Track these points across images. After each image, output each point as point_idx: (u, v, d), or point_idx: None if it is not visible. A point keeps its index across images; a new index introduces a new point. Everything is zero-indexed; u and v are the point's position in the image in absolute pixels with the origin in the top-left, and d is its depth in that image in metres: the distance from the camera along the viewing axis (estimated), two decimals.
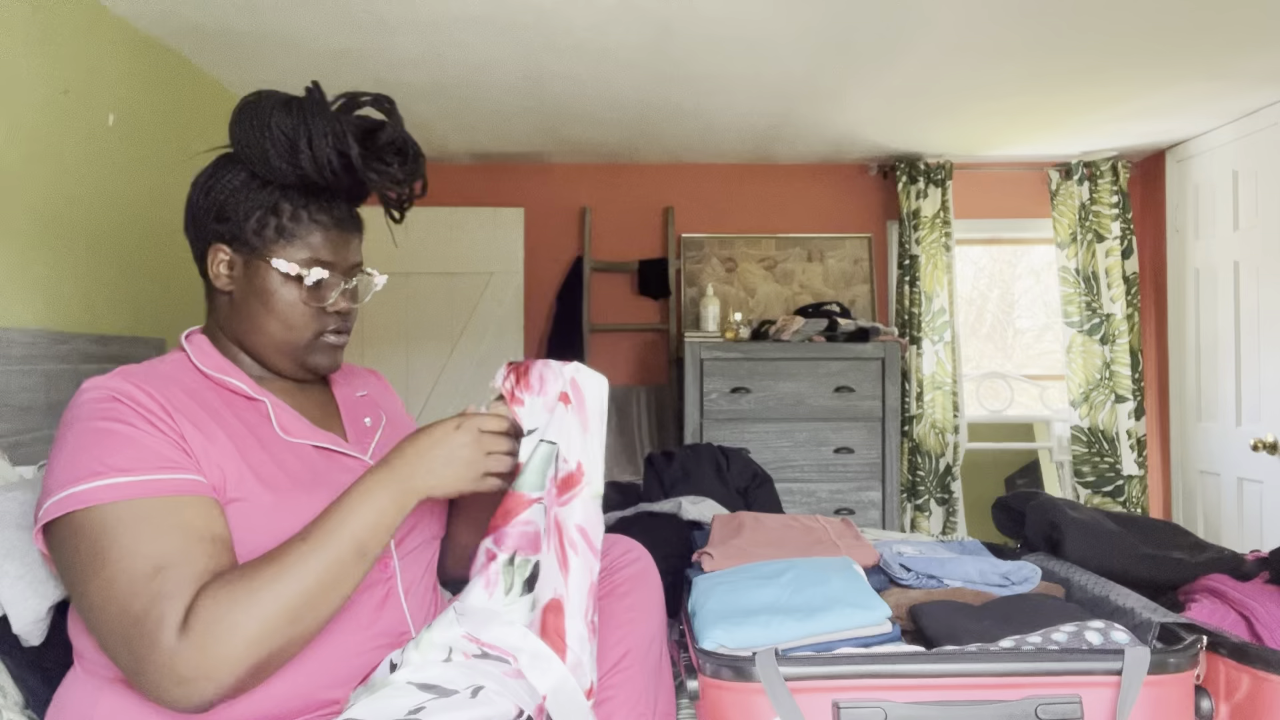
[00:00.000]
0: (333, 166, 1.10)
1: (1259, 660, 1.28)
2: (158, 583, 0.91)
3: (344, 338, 1.21)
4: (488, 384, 1.31)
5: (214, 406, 1.09)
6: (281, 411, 1.14)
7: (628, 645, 1.20)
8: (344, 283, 1.18)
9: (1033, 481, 4.30)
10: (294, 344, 1.16)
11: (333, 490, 1.08)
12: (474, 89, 3.05)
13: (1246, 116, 3.32)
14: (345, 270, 1.18)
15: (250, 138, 1.10)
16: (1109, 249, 3.93)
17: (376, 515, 1.00)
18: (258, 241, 1.13)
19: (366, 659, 1.08)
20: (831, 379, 3.57)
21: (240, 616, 0.90)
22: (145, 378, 1.05)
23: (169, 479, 0.96)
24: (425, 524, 1.23)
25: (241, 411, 1.11)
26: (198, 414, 1.05)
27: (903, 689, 1.21)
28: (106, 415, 0.99)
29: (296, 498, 1.06)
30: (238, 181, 1.13)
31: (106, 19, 2.36)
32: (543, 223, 4.17)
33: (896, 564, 1.64)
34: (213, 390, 1.12)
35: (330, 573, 0.96)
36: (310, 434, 1.15)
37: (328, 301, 1.16)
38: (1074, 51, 2.70)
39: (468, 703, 0.98)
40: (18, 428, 1.90)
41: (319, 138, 1.09)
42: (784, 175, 4.21)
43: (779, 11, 2.40)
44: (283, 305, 1.14)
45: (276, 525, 1.02)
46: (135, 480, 0.95)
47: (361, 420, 1.26)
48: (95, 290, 2.32)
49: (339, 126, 1.10)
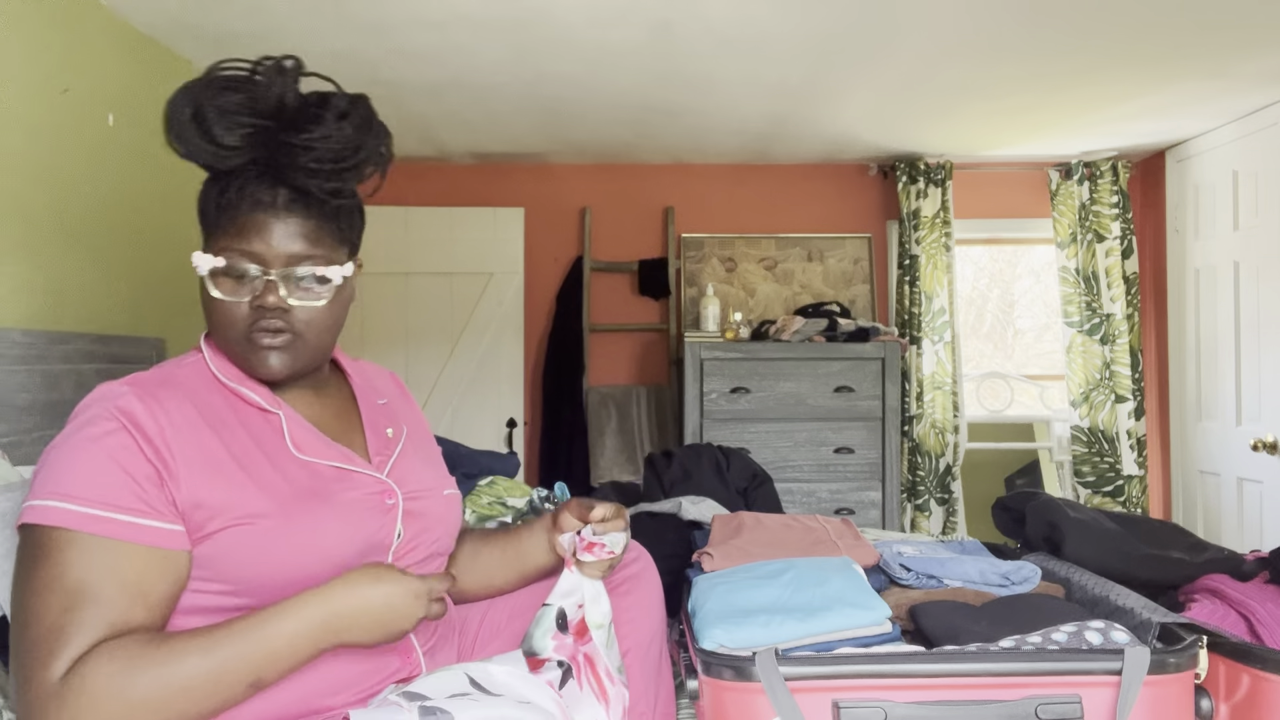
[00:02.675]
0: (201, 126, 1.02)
1: (1259, 660, 1.28)
2: (66, 618, 0.91)
3: (280, 338, 1.07)
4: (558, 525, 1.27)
5: (225, 420, 1.06)
6: (296, 425, 1.10)
7: (628, 645, 1.20)
8: (264, 273, 1.05)
9: (1033, 481, 4.30)
10: (231, 344, 1.08)
11: (339, 511, 1.06)
12: (474, 89, 3.05)
13: (1246, 116, 3.32)
14: (268, 260, 1.05)
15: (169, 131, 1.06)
16: (1109, 249, 3.93)
17: (289, 655, 0.96)
18: (203, 238, 1.09)
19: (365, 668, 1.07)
20: (831, 379, 3.57)
21: (119, 684, 0.89)
22: (156, 392, 1.02)
23: (125, 521, 0.95)
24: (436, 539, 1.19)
25: (254, 424, 1.08)
26: (202, 434, 1.02)
27: (903, 689, 1.21)
28: (100, 438, 0.97)
29: (300, 521, 1.03)
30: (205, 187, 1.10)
31: (106, 19, 2.36)
32: (543, 223, 4.17)
33: (896, 564, 1.64)
34: (226, 399, 1.08)
35: (216, 685, 0.92)
36: (325, 451, 1.11)
37: (243, 296, 1.05)
38: (1074, 51, 2.70)
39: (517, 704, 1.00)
40: (18, 428, 1.90)
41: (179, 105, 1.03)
42: (784, 175, 4.21)
43: (779, 11, 2.40)
44: (211, 301, 1.07)
45: (277, 548, 1.01)
46: (91, 514, 0.94)
47: (384, 431, 1.21)
48: (95, 290, 2.32)
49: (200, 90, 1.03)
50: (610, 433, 4.04)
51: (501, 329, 4.08)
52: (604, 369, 4.20)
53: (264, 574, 1.00)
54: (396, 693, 0.97)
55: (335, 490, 1.08)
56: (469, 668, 1.02)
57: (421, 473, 1.21)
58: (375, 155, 1.09)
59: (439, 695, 0.96)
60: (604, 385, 4.14)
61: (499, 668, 1.03)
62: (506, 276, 4.09)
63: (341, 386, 1.24)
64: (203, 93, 1.03)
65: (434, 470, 1.26)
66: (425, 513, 1.17)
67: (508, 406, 4.05)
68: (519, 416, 4.05)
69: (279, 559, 1.01)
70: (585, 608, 1.14)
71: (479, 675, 1.01)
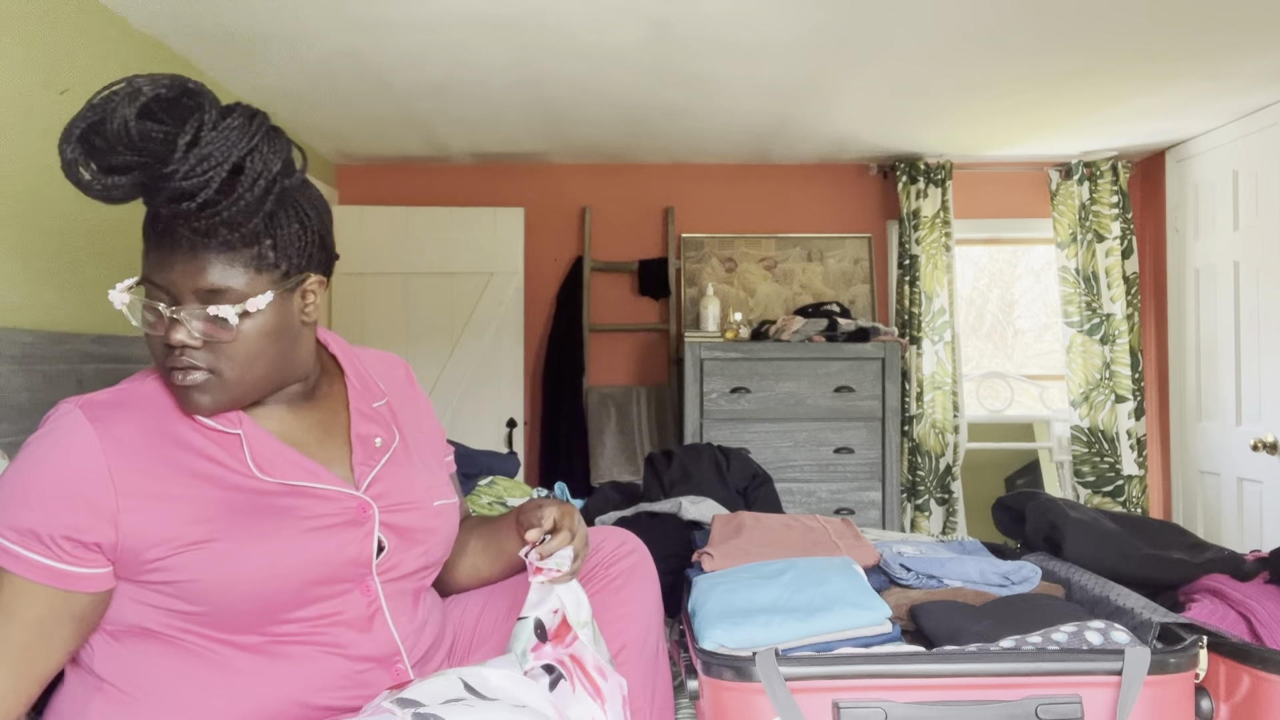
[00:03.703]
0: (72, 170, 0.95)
1: (1259, 660, 1.28)
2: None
3: (191, 376, 1.00)
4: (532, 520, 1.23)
5: (183, 440, 1.03)
6: (260, 444, 1.06)
7: (624, 639, 1.20)
8: (170, 309, 0.99)
9: (1033, 481, 4.30)
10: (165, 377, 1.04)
11: (299, 529, 1.04)
12: (474, 89, 3.05)
13: (1246, 116, 3.32)
14: (175, 294, 0.99)
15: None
16: (1109, 249, 3.93)
17: None
18: None
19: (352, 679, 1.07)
20: (831, 379, 3.57)
21: None
22: (107, 415, 1.01)
23: (34, 560, 0.97)
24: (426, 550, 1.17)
25: (214, 443, 1.04)
26: (150, 460, 1.01)
27: (903, 689, 1.21)
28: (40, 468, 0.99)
29: (255, 542, 1.01)
30: None
31: (106, 19, 2.36)
32: (543, 223, 4.17)
33: (896, 564, 1.64)
34: (186, 420, 1.05)
35: None
36: (289, 470, 1.06)
37: (158, 331, 1.00)
38: (1074, 51, 2.70)
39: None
40: (18, 428, 1.90)
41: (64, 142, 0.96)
42: (784, 175, 4.21)
43: (779, 11, 2.40)
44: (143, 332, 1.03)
45: (233, 570, 1.00)
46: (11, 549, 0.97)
47: (371, 441, 1.15)
48: (95, 290, 2.32)
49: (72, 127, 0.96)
50: (610, 433, 4.04)
51: (501, 329, 4.08)
52: (604, 369, 4.20)
53: (225, 594, 1.00)
54: (390, 699, 0.97)
55: (297, 507, 1.05)
56: (463, 672, 1.01)
57: (410, 482, 1.17)
58: (255, 186, 0.93)
59: (433, 701, 0.95)
60: (604, 385, 4.14)
61: (494, 671, 1.02)
62: (506, 276, 4.09)
63: (334, 392, 1.19)
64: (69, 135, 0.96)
65: (426, 478, 1.21)
66: (411, 525, 1.14)
67: (508, 406, 4.05)
68: (519, 416, 4.05)
69: (237, 580, 1.00)
70: (564, 611, 1.13)
71: (473, 680, 1.01)
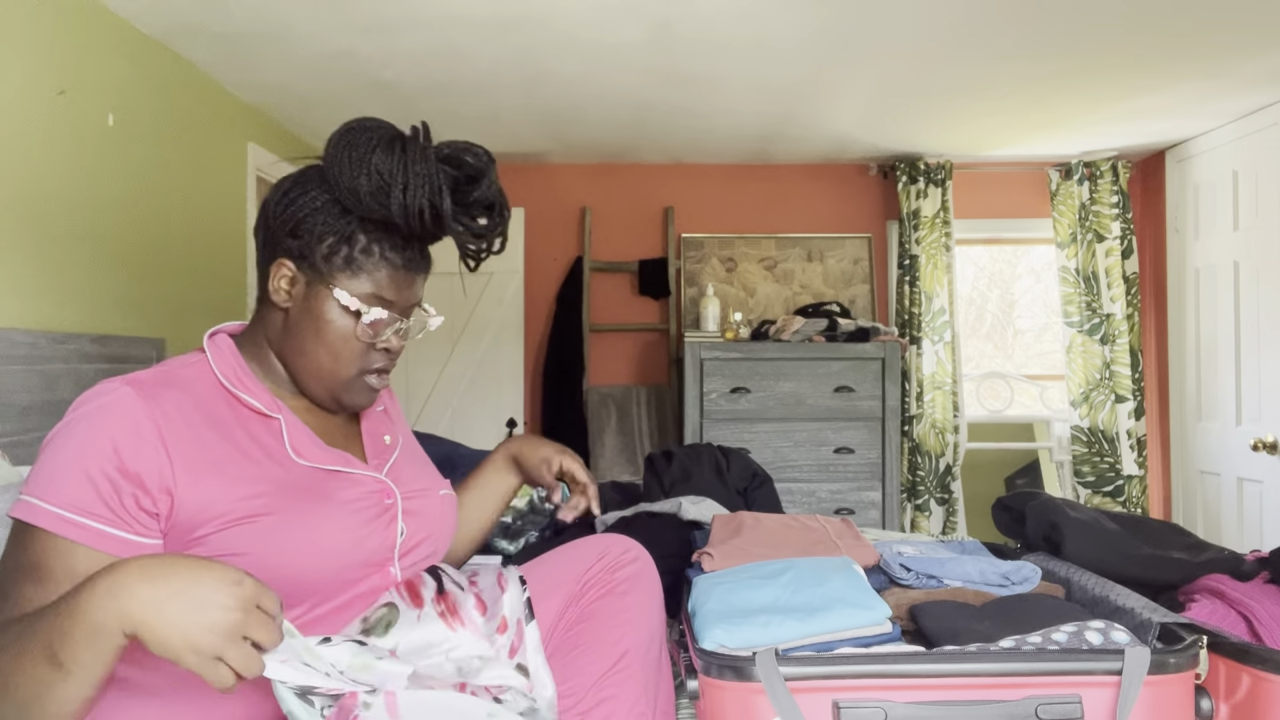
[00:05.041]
0: (422, 216, 1.08)
1: (1259, 660, 1.28)
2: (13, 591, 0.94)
3: (385, 379, 1.19)
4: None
5: (225, 422, 1.07)
6: (295, 430, 1.11)
7: (627, 645, 1.20)
8: (400, 322, 1.16)
9: (1033, 481, 4.30)
10: (337, 377, 1.14)
11: (338, 509, 1.08)
12: (474, 89, 3.05)
13: (1246, 116, 3.32)
14: (403, 309, 1.16)
15: (345, 166, 1.07)
16: (1109, 249, 3.93)
17: (76, 632, 0.81)
18: (325, 267, 1.11)
19: None
20: (831, 379, 3.57)
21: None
22: (156, 392, 1.02)
23: (90, 527, 0.95)
24: (435, 538, 1.22)
25: (254, 427, 1.09)
26: (202, 433, 1.03)
27: (903, 689, 1.21)
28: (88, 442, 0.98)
29: (299, 519, 1.04)
30: (319, 202, 1.11)
31: (105, 18, 2.36)
32: (543, 223, 4.17)
33: (896, 564, 1.64)
34: (227, 402, 1.09)
35: (20, 656, 0.83)
36: (323, 456, 1.12)
37: (380, 338, 1.14)
38: (1074, 51, 2.70)
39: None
40: (18, 428, 1.90)
41: (415, 186, 1.06)
42: (784, 175, 4.21)
43: (779, 11, 2.40)
44: (334, 336, 1.12)
45: (277, 547, 1.01)
46: (61, 515, 0.95)
47: (381, 438, 1.24)
48: (95, 290, 2.32)
49: (436, 177, 1.08)
50: (610, 433, 4.04)
51: (501, 329, 4.08)
52: (604, 369, 4.20)
53: (266, 573, 1.00)
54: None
55: (334, 489, 1.10)
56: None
57: (418, 474, 1.25)
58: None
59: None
60: (604, 385, 4.14)
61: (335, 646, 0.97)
62: (506, 276, 4.09)
63: None
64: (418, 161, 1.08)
65: (431, 471, 1.30)
66: (423, 512, 1.20)
67: (508, 406, 4.05)
68: (519, 416, 4.05)
69: (278, 558, 1.01)
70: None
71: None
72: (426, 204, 1.07)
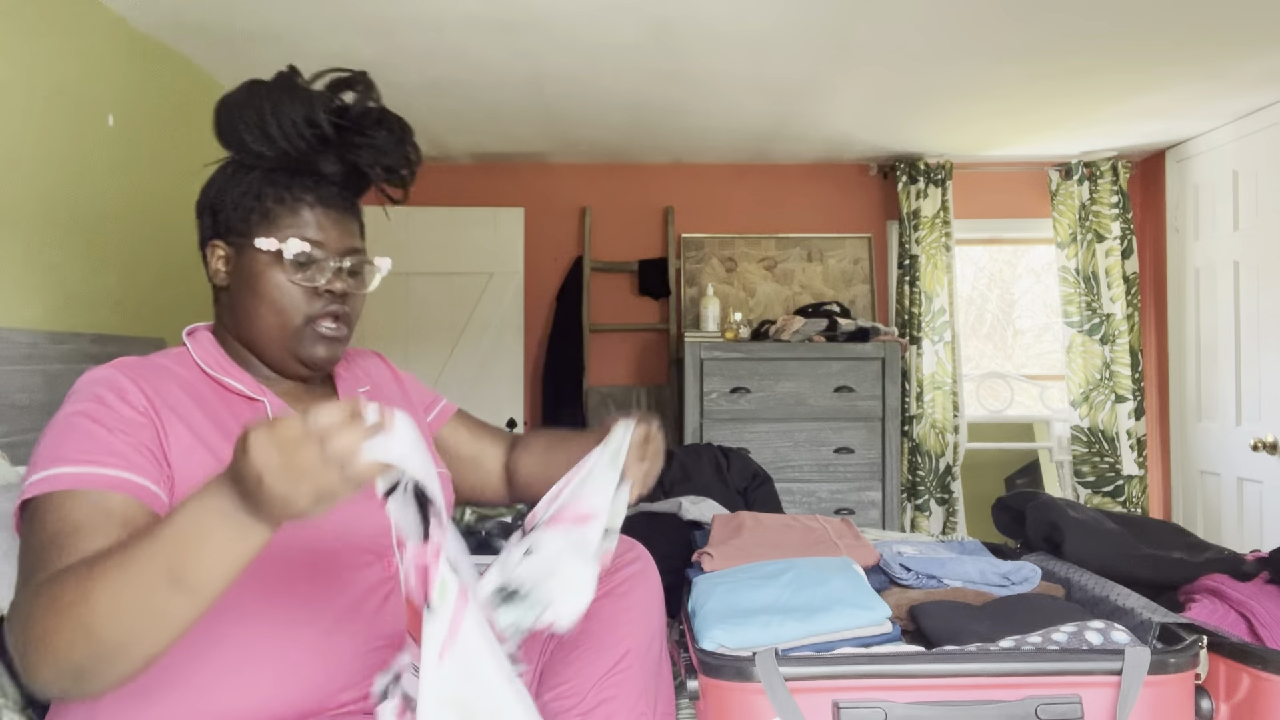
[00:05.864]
0: (304, 136, 1.09)
1: (1259, 660, 1.28)
2: (54, 546, 0.88)
3: (340, 328, 1.16)
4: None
5: (210, 404, 1.09)
6: (280, 413, 1.12)
7: (627, 645, 1.20)
8: (332, 260, 1.14)
9: (1033, 481, 4.30)
10: (286, 330, 1.13)
11: None
12: (474, 89, 3.05)
13: (1246, 116, 3.32)
14: (338, 251, 1.14)
15: (227, 125, 1.12)
16: (1109, 249, 3.93)
17: (195, 533, 0.79)
18: (244, 228, 1.13)
19: (372, 660, 1.07)
20: (831, 379, 3.57)
21: (54, 590, 0.82)
22: (140, 370, 1.06)
23: (112, 475, 0.95)
24: None
25: (239, 411, 1.11)
26: (190, 411, 1.05)
27: (903, 689, 1.21)
28: (81, 410, 1.00)
29: None
30: (227, 173, 1.15)
31: (105, 18, 2.35)
32: (543, 223, 4.17)
33: (896, 564, 1.64)
34: (211, 388, 1.11)
35: (131, 580, 0.79)
36: None
37: (318, 282, 1.13)
38: (1074, 51, 2.70)
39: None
40: (18, 428, 1.90)
41: (287, 110, 1.09)
42: (783, 175, 4.21)
43: (779, 10, 2.40)
44: (270, 287, 1.12)
45: None
46: (81, 472, 0.94)
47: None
48: (95, 290, 2.32)
49: (306, 97, 1.10)
50: None
51: (501, 329, 4.08)
52: (604, 369, 4.20)
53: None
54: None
55: None
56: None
57: None
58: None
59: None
60: (604, 385, 4.14)
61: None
62: (506, 276, 4.09)
63: (325, 386, 1.27)
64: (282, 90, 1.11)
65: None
66: None
67: (508, 406, 4.05)
68: (519, 416, 4.05)
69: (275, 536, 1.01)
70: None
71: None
72: (302, 118, 1.09)
